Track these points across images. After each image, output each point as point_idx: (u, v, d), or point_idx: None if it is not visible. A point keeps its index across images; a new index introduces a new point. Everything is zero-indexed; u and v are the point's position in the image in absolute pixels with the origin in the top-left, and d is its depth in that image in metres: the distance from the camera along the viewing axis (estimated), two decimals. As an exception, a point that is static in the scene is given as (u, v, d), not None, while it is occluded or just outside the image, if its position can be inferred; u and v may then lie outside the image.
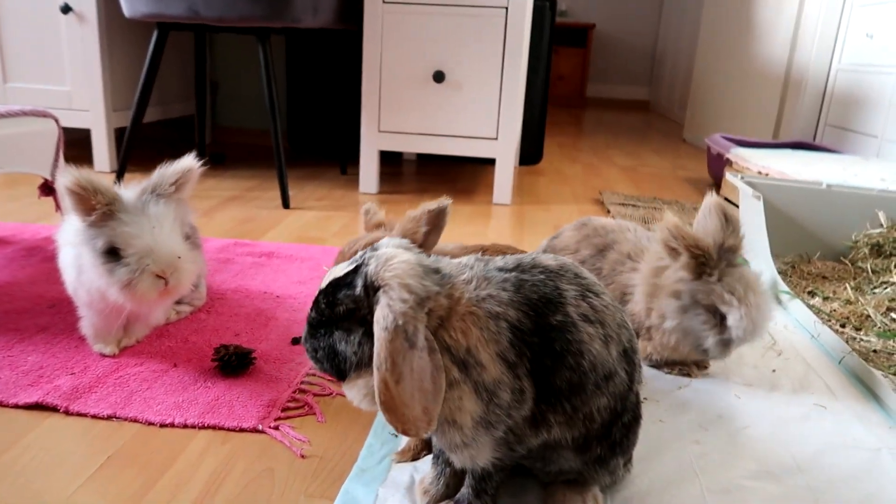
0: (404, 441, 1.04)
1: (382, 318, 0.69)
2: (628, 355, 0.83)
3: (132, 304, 1.19)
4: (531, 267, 0.81)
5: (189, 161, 1.25)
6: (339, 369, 0.78)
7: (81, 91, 2.78)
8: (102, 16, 2.75)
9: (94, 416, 1.09)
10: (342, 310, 0.74)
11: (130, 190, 1.21)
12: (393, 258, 0.73)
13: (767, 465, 1.03)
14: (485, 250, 1.21)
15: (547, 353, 0.76)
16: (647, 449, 1.03)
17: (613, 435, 0.84)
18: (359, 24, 2.70)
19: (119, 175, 2.58)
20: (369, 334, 0.72)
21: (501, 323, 0.75)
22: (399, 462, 1.01)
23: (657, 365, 1.32)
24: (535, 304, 0.77)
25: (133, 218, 1.15)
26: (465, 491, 0.86)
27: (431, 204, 1.08)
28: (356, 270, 0.74)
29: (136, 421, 1.09)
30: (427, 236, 1.08)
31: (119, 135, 2.80)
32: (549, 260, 0.83)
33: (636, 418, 0.89)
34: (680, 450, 1.06)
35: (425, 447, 1.03)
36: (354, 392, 0.78)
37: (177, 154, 1.31)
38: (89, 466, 0.98)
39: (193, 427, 1.09)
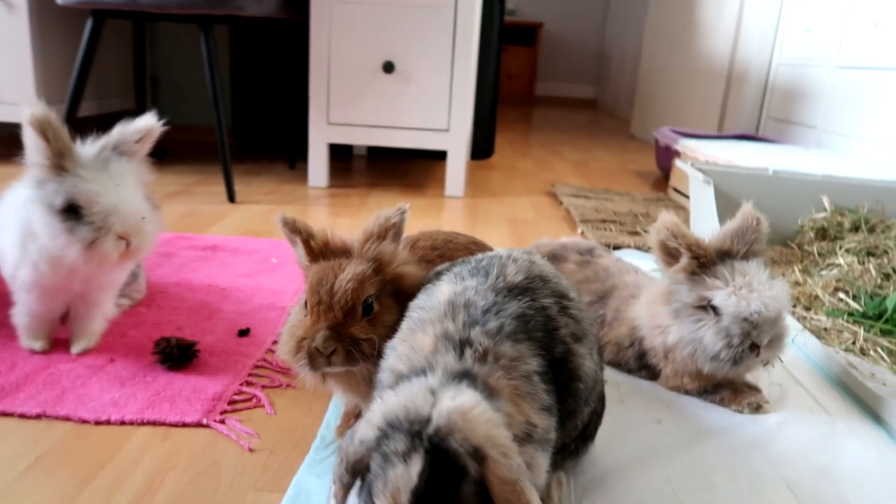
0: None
1: (509, 471, 0.58)
2: (600, 351, 0.83)
3: (92, 266, 1.09)
4: (510, 291, 0.75)
5: (150, 119, 1.17)
6: None
7: (10, 83, 2.63)
8: (33, 3, 2.60)
9: (22, 416, 1.01)
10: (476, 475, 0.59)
11: (88, 146, 1.11)
12: (467, 411, 0.60)
13: (729, 441, 1.02)
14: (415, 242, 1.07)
15: (557, 384, 0.74)
16: (611, 430, 1.01)
17: (588, 429, 0.83)
18: (305, 14, 2.63)
19: (52, 170, 2.44)
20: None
21: (534, 378, 0.71)
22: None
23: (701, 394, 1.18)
24: (542, 342, 0.74)
25: (94, 175, 1.05)
26: None
27: (388, 212, 0.92)
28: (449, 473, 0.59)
29: (68, 419, 1.01)
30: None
31: (52, 129, 2.66)
32: (516, 275, 0.78)
33: (604, 404, 0.88)
34: (642, 430, 1.04)
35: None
36: None
37: None
38: (15, 468, 0.90)
39: (132, 424, 1.02)
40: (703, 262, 1.09)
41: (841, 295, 1.61)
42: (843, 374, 1.23)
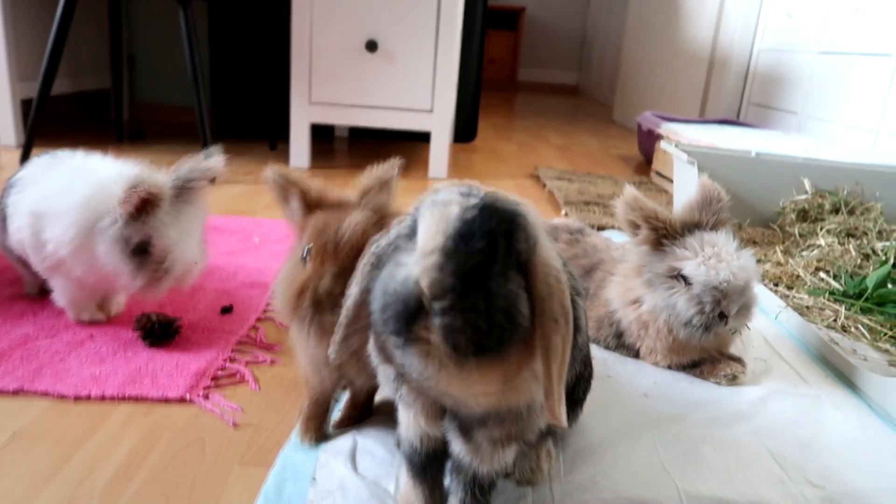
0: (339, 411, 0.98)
1: (551, 270, 0.56)
2: (585, 314, 0.82)
3: (142, 296, 1.14)
4: None
5: (217, 159, 1.18)
6: (507, 331, 0.55)
7: (-19, 58, 2.55)
8: (4, -24, 2.53)
9: (-2, 392, 0.99)
10: (531, 245, 0.57)
11: (162, 177, 1.11)
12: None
13: (714, 413, 1.03)
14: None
15: None
16: (598, 404, 1.01)
17: (577, 393, 0.83)
18: (286, -8, 2.58)
19: (26, 150, 2.38)
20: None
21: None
22: (338, 428, 0.94)
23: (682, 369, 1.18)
24: None
25: (171, 220, 1.09)
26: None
27: (382, 167, 0.89)
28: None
29: (46, 395, 0.99)
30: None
31: (26, 107, 2.59)
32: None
33: (591, 372, 0.87)
34: (629, 404, 1.04)
35: (359, 413, 0.97)
36: (500, 378, 0.58)
37: (92, 131, 1.20)
38: (-8, 444, 0.88)
39: (112, 399, 1.00)
40: (665, 234, 1.11)
41: (822, 275, 1.63)
42: (825, 349, 1.24)
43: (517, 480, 0.84)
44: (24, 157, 2.37)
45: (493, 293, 0.53)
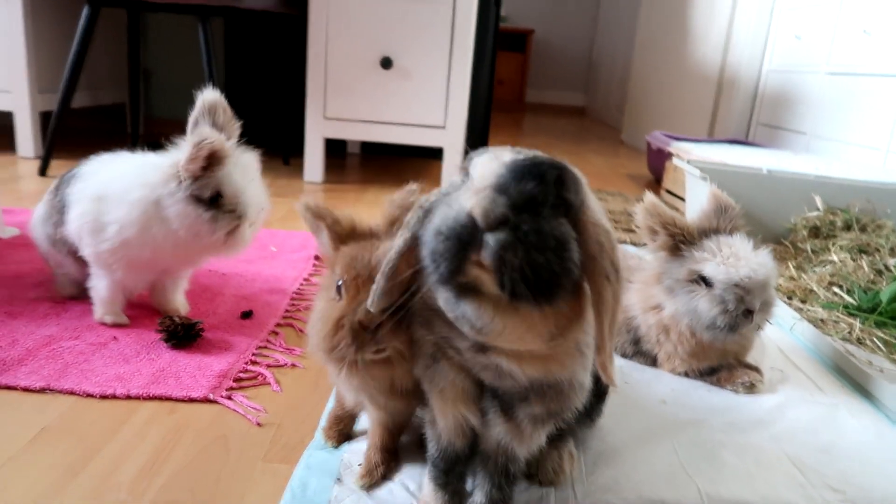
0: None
1: (602, 227, 0.57)
2: None
3: (225, 252, 1.18)
4: None
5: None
6: (557, 273, 0.54)
7: (2, 71, 2.60)
8: (27, -8, 2.59)
9: (25, 389, 1.00)
10: (580, 200, 0.57)
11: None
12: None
13: (732, 419, 1.04)
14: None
15: None
16: (617, 409, 1.02)
17: (600, 385, 0.83)
18: (302, 9, 2.63)
19: (44, 161, 2.42)
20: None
21: None
22: (365, 485, 0.85)
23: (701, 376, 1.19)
24: None
25: (234, 167, 1.13)
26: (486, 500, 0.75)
27: (401, 194, 0.86)
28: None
29: (72, 393, 1.00)
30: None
31: (45, 119, 2.63)
32: None
33: None
34: (648, 409, 1.05)
35: (387, 469, 0.88)
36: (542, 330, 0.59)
37: (108, 144, 1.24)
38: (20, 439, 0.89)
39: (137, 398, 1.01)
40: (683, 240, 1.13)
41: (835, 289, 1.63)
42: (841, 360, 1.25)
43: (540, 481, 0.85)
44: (44, 168, 2.41)
45: (545, 231, 0.53)
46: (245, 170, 1.15)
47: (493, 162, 0.56)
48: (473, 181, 0.56)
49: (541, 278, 0.53)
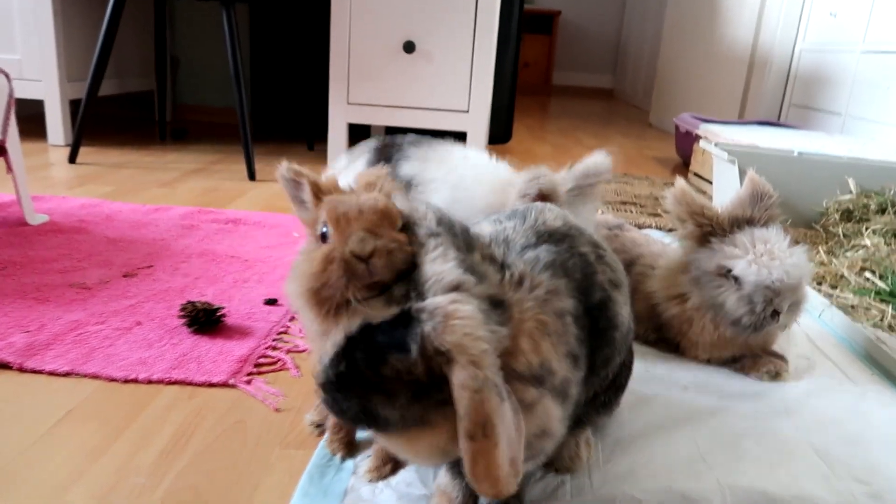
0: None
1: (472, 378, 0.56)
2: (630, 299, 0.81)
3: None
4: (549, 236, 0.73)
5: (603, 159, 1.11)
6: (372, 425, 0.63)
7: (33, 60, 2.64)
8: (56, -19, 2.62)
9: (51, 373, 1.02)
10: (389, 373, 0.59)
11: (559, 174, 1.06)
12: (453, 315, 0.58)
13: (756, 408, 1.01)
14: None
15: (592, 334, 0.71)
16: (637, 396, 1.01)
17: (619, 380, 0.82)
18: (326, -6, 2.62)
19: (74, 149, 2.46)
20: (418, 396, 0.60)
21: (567, 318, 0.67)
22: (374, 479, 0.86)
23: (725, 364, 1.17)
24: (581, 286, 0.70)
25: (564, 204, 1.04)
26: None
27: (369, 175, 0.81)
28: (404, 325, 0.59)
29: (96, 377, 1.02)
30: None
31: (74, 107, 2.68)
32: (554, 220, 0.76)
33: (633, 358, 0.86)
34: (669, 396, 1.03)
35: (395, 466, 0.87)
36: (403, 448, 0.66)
37: (136, 131, 1.23)
38: (46, 421, 0.91)
39: (159, 382, 1.02)
40: (712, 231, 1.09)
41: (867, 274, 1.59)
42: (872, 347, 1.21)
43: (556, 469, 0.84)
44: (73, 155, 2.45)
45: (342, 402, 0.61)
46: (578, 217, 1.04)
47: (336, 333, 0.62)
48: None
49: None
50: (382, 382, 0.59)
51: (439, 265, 0.61)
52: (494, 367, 0.57)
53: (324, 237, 0.68)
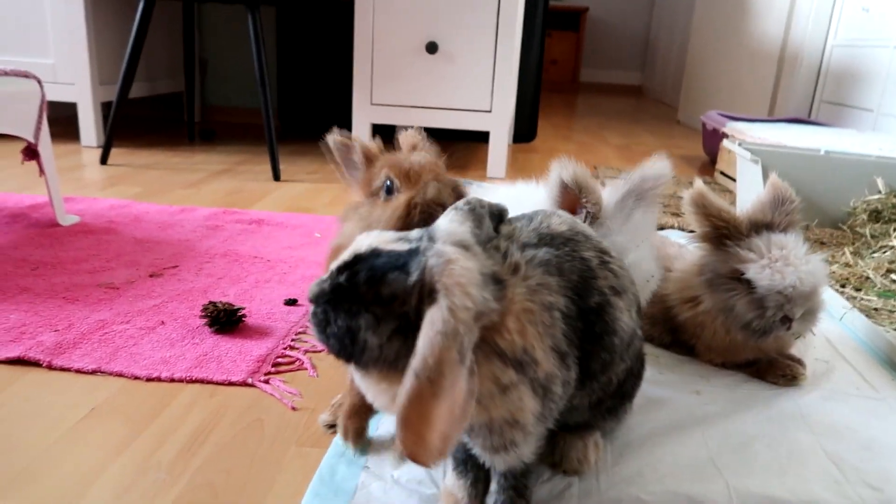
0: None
1: (442, 321, 0.57)
2: (639, 310, 0.81)
3: None
4: (552, 239, 0.74)
5: (663, 165, 1.01)
6: (348, 353, 0.64)
7: (66, 64, 2.72)
8: (88, -13, 2.69)
9: (78, 371, 1.06)
10: (385, 293, 0.61)
11: (611, 191, 1.01)
12: (456, 262, 0.61)
13: (769, 412, 1.01)
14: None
15: (587, 338, 0.72)
16: (649, 400, 1.01)
17: (625, 387, 0.82)
18: (350, -4, 2.65)
19: (105, 151, 2.53)
20: (403, 332, 0.62)
21: (555, 313, 0.68)
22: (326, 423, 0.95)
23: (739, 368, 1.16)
24: (577, 287, 0.71)
25: (619, 224, 0.97)
26: (501, 495, 0.76)
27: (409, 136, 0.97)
28: (411, 254, 0.62)
29: (121, 375, 1.06)
30: None
31: (106, 110, 2.75)
32: (559, 224, 0.77)
33: (643, 365, 0.87)
34: (680, 400, 1.03)
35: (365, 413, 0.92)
36: (371, 387, 0.67)
37: (166, 132, 1.27)
38: (71, 418, 0.95)
39: (181, 381, 1.06)
40: (728, 234, 1.08)
41: (893, 276, 1.56)
42: (893, 351, 1.19)
43: (564, 470, 0.85)
44: (104, 156, 2.52)
45: (334, 319, 0.64)
46: (634, 229, 0.99)
47: (349, 248, 0.65)
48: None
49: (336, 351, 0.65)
50: (375, 303, 0.62)
51: (455, 226, 0.66)
52: (468, 328, 0.58)
53: (389, 190, 0.79)
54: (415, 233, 0.65)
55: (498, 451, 0.69)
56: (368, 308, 0.62)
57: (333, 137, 0.87)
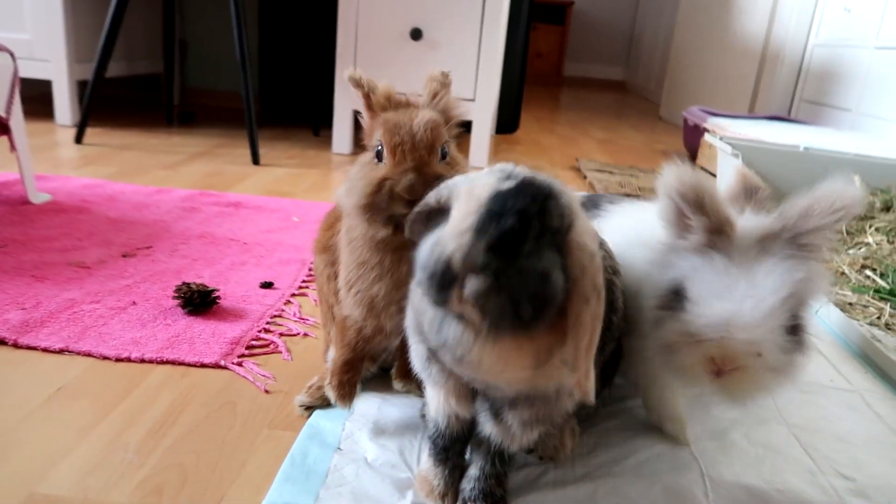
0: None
1: (589, 252, 0.54)
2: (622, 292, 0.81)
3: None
4: None
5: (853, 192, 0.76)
6: (540, 304, 0.54)
7: (42, 40, 2.65)
8: (65, -39, 2.62)
9: (45, 350, 1.03)
10: (555, 224, 0.55)
11: (750, 218, 0.81)
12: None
13: (752, 408, 1.01)
14: None
15: None
16: (626, 389, 1.00)
17: (608, 371, 0.82)
18: (334, -21, 2.61)
19: (80, 130, 2.47)
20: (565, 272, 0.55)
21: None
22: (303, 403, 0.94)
23: None
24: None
25: (739, 263, 0.73)
26: (481, 483, 0.75)
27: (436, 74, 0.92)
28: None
29: (89, 355, 1.03)
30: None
31: (82, 89, 2.69)
32: None
33: (622, 351, 0.86)
34: (657, 389, 1.03)
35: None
36: (500, 358, 0.57)
37: (144, 113, 1.24)
38: (37, 397, 0.92)
39: (151, 362, 1.03)
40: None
41: (868, 272, 1.58)
42: (867, 345, 1.21)
43: (540, 456, 0.85)
44: (79, 136, 2.46)
45: (526, 269, 0.53)
46: (754, 276, 0.71)
47: (473, 198, 0.55)
48: (454, 219, 0.55)
49: (520, 313, 0.53)
50: (549, 235, 0.55)
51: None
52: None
53: (378, 156, 0.78)
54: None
55: (531, 425, 0.68)
56: (552, 245, 0.55)
57: (349, 71, 0.83)
